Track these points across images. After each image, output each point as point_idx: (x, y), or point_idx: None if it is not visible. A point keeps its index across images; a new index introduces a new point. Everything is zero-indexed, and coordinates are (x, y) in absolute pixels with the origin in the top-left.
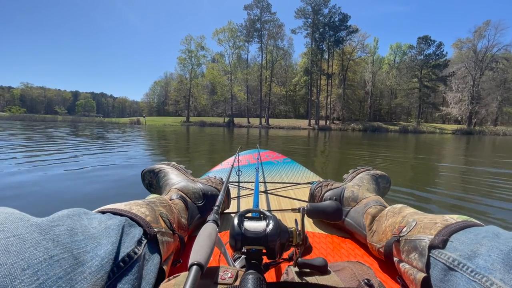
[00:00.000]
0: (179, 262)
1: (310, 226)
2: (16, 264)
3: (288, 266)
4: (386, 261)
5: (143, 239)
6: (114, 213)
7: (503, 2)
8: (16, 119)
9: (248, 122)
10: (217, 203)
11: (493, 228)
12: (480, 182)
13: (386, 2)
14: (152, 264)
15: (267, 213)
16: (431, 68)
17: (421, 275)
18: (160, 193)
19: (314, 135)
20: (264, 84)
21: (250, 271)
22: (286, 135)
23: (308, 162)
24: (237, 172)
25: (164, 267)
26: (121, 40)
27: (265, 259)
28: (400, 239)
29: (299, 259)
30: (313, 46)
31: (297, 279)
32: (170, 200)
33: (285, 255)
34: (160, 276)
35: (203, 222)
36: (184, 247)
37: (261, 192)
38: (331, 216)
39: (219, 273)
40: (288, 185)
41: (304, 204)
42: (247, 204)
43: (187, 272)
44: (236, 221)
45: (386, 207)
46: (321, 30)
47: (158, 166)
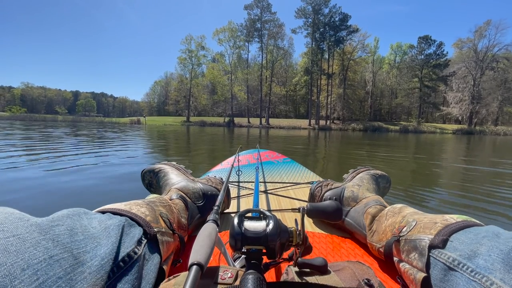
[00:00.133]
0: (179, 262)
1: (310, 226)
2: (16, 264)
3: (288, 266)
4: (386, 261)
5: (143, 239)
6: (114, 213)
7: (504, 2)
8: (17, 119)
9: (248, 122)
10: (217, 203)
11: (493, 228)
12: (481, 182)
13: (387, 2)
14: (152, 264)
15: (267, 213)
16: (432, 68)
17: (421, 275)
18: (160, 193)
19: (315, 135)
20: (265, 84)
21: (250, 271)
22: (287, 135)
23: (308, 162)
24: (237, 172)
25: (164, 267)
26: (122, 40)
27: (265, 259)
28: (400, 239)
29: (299, 259)
30: (314, 46)
31: (297, 279)
32: (170, 200)
33: (285, 255)
34: (160, 276)
35: (203, 222)
36: (184, 247)
37: (261, 192)
38: (331, 216)
39: (219, 273)
40: (288, 185)
41: (304, 204)
42: (247, 204)
43: (187, 272)
44: (236, 221)
45: (386, 207)
46: (322, 30)
47: (158, 166)
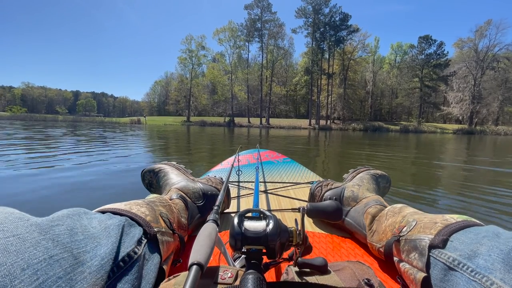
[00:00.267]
0: (179, 262)
1: (310, 226)
2: (16, 264)
3: (288, 266)
4: (386, 261)
5: (143, 239)
6: (114, 213)
7: (505, 2)
8: (17, 119)
9: (249, 122)
10: (217, 203)
11: (493, 228)
12: (481, 182)
13: (387, 2)
14: (152, 264)
15: (267, 213)
16: (432, 68)
17: (421, 275)
18: (160, 193)
19: (315, 135)
20: (265, 84)
21: (250, 271)
22: (287, 135)
23: (309, 162)
24: (237, 172)
25: (164, 267)
26: (122, 40)
27: (265, 259)
28: (400, 239)
29: (299, 259)
30: (314, 46)
31: (297, 279)
32: (170, 200)
33: (285, 255)
34: (160, 276)
35: (203, 222)
36: (184, 247)
37: (261, 192)
38: (331, 216)
39: (219, 273)
40: (288, 185)
41: (304, 204)
42: (247, 204)
43: (187, 272)
44: (236, 221)
45: (386, 207)
46: (322, 30)
47: (158, 166)
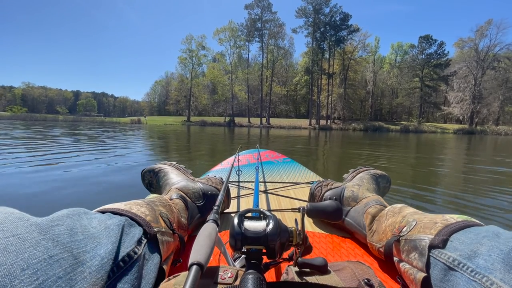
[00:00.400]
0: (179, 262)
1: (310, 226)
2: (16, 264)
3: (288, 266)
4: (386, 261)
5: (143, 239)
6: (114, 213)
7: (506, 1)
8: (18, 119)
9: (249, 122)
10: (217, 203)
11: (494, 228)
12: (481, 182)
13: (387, 1)
14: (152, 264)
15: (267, 213)
16: (433, 68)
17: (421, 275)
18: (160, 193)
19: (315, 135)
20: (265, 84)
21: (250, 271)
22: (287, 135)
23: (309, 162)
24: (237, 172)
25: (164, 267)
26: (122, 40)
27: (265, 259)
28: (400, 239)
29: (299, 259)
30: (314, 46)
31: (297, 279)
32: (170, 200)
33: (285, 255)
34: (160, 276)
35: (203, 222)
36: (184, 247)
37: (261, 192)
38: (331, 216)
39: (219, 273)
40: (288, 185)
41: (304, 204)
42: (247, 204)
43: (187, 272)
44: (236, 221)
45: (386, 207)
46: (322, 30)
47: (158, 166)
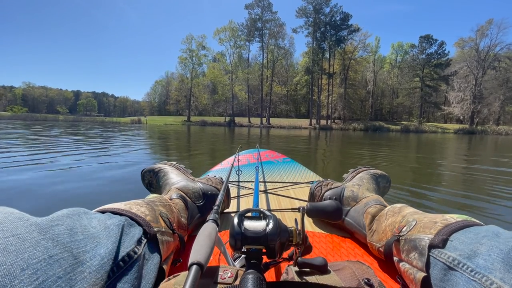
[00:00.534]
0: (179, 262)
1: (310, 226)
2: (16, 264)
3: (288, 266)
4: (386, 261)
5: (143, 239)
6: (114, 213)
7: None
8: (18, 119)
9: (249, 122)
10: (217, 203)
11: (493, 228)
12: (481, 181)
13: (388, 1)
14: (152, 264)
15: (267, 213)
16: (433, 67)
17: (421, 275)
18: (160, 193)
19: (315, 135)
20: (265, 84)
21: (250, 271)
22: (287, 135)
23: (309, 162)
24: (237, 172)
25: (164, 267)
26: (122, 40)
27: (265, 259)
28: (400, 239)
29: (299, 259)
30: (314, 45)
31: (297, 279)
32: (170, 200)
33: (285, 255)
34: (160, 276)
35: (203, 222)
36: (184, 247)
37: (261, 192)
38: (331, 216)
39: (219, 273)
40: (288, 185)
41: (304, 204)
42: (247, 204)
43: (187, 272)
44: (236, 221)
45: (386, 207)
46: (322, 29)
47: (158, 166)
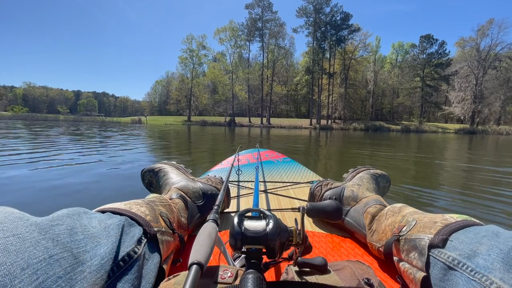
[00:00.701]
0: (179, 261)
1: (310, 226)
2: (16, 264)
3: (288, 266)
4: (386, 260)
5: (143, 239)
6: (114, 213)
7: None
8: (19, 118)
9: (250, 122)
10: (217, 203)
11: (493, 228)
12: (482, 181)
13: (388, 1)
14: (152, 264)
15: (267, 213)
16: (434, 67)
17: (421, 274)
18: (160, 193)
19: (316, 135)
20: (266, 83)
21: (250, 271)
22: (288, 135)
23: (309, 162)
24: (237, 172)
25: (164, 266)
26: (123, 39)
27: (265, 259)
28: (400, 238)
29: (299, 259)
30: (315, 45)
31: (297, 279)
32: (170, 200)
33: (285, 255)
34: (160, 275)
35: (203, 222)
36: (184, 247)
37: (261, 192)
38: (331, 216)
39: (219, 272)
40: (288, 185)
41: (304, 204)
42: (247, 204)
43: (187, 272)
44: (236, 221)
45: (386, 207)
46: (323, 29)
47: (158, 166)
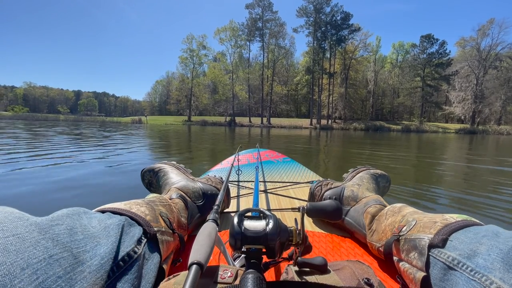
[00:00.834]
0: (179, 261)
1: (310, 225)
2: (16, 263)
3: (288, 265)
4: (386, 260)
5: (143, 238)
6: (114, 212)
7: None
8: (19, 118)
9: (250, 122)
10: (217, 202)
11: (493, 227)
12: (482, 181)
13: (389, 1)
14: (152, 263)
15: (267, 212)
16: (434, 67)
17: (421, 274)
18: (160, 193)
19: (316, 135)
20: (266, 83)
21: (250, 270)
22: (288, 135)
23: (309, 162)
24: (237, 171)
25: (164, 266)
26: (123, 39)
27: (265, 258)
28: (400, 238)
29: (299, 258)
30: (315, 45)
31: (297, 278)
32: (170, 200)
33: (285, 254)
34: (160, 275)
35: (203, 221)
36: (184, 246)
37: (261, 191)
38: (331, 215)
39: (219, 272)
40: (288, 184)
41: (304, 203)
42: (247, 203)
43: (187, 271)
44: (236, 220)
45: (386, 206)
46: (323, 29)
47: (158, 165)
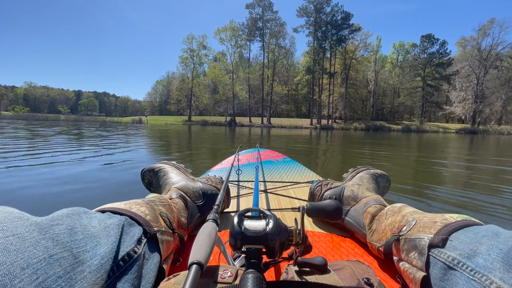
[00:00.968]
0: (179, 261)
1: (310, 225)
2: (16, 263)
3: (288, 265)
4: (386, 260)
5: (143, 238)
6: (114, 212)
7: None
8: (20, 118)
9: (250, 121)
10: (217, 202)
11: (493, 227)
12: (482, 181)
13: (389, 1)
14: (152, 263)
15: (267, 212)
16: (435, 67)
17: (421, 274)
18: (160, 192)
19: (316, 134)
20: (266, 83)
21: (250, 270)
22: (288, 134)
23: (309, 161)
24: (237, 171)
25: (164, 266)
26: (123, 39)
27: (265, 258)
28: (400, 238)
29: (299, 258)
30: (315, 45)
31: (297, 278)
32: (170, 199)
33: (285, 254)
34: (160, 275)
35: (203, 221)
36: (184, 246)
37: (261, 191)
38: (331, 215)
39: (219, 272)
40: (288, 184)
41: (304, 203)
42: (247, 203)
43: (187, 271)
44: (236, 220)
45: (386, 206)
46: (323, 29)
47: (158, 165)
